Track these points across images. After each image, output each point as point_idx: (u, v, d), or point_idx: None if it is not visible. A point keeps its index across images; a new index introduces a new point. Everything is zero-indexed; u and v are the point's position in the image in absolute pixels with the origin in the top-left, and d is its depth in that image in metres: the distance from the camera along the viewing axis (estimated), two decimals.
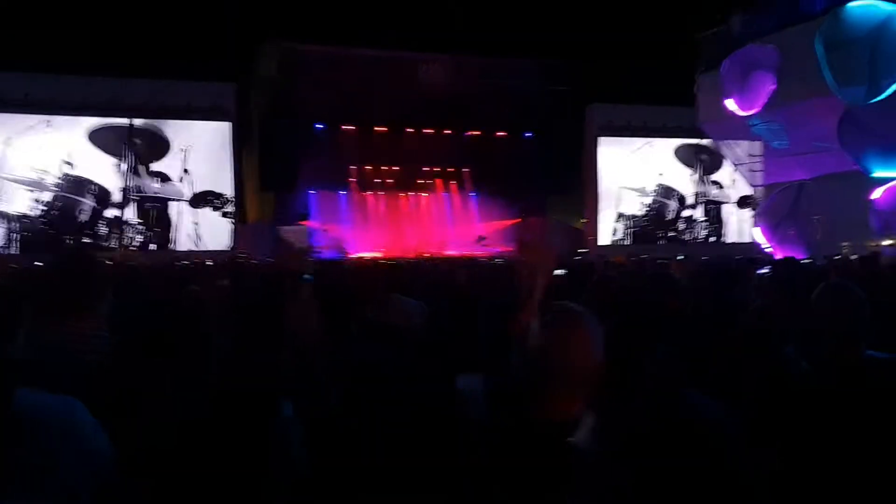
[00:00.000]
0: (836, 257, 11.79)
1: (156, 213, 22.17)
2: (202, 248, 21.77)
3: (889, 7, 13.10)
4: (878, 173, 14.10)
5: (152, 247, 21.87)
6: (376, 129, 25.59)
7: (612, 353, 1.87)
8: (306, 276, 2.61)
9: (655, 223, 27.23)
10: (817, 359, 2.67)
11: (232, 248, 21.95)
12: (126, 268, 8.16)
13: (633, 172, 26.80)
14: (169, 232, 22.41)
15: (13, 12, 19.52)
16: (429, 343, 2.78)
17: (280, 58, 23.23)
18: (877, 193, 14.30)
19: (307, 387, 2.30)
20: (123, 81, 21.32)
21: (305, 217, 24.18)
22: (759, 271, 4.70)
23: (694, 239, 27.39)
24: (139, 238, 21.95)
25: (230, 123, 22.99)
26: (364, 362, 2.16)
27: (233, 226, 22.91)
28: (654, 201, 27.20)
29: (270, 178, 23.59)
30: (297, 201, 24.31)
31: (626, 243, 26.23)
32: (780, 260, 7.33)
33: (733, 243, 26.38)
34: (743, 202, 27.31)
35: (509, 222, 26.58)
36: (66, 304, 2.52)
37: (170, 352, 2.32)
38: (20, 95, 20.59)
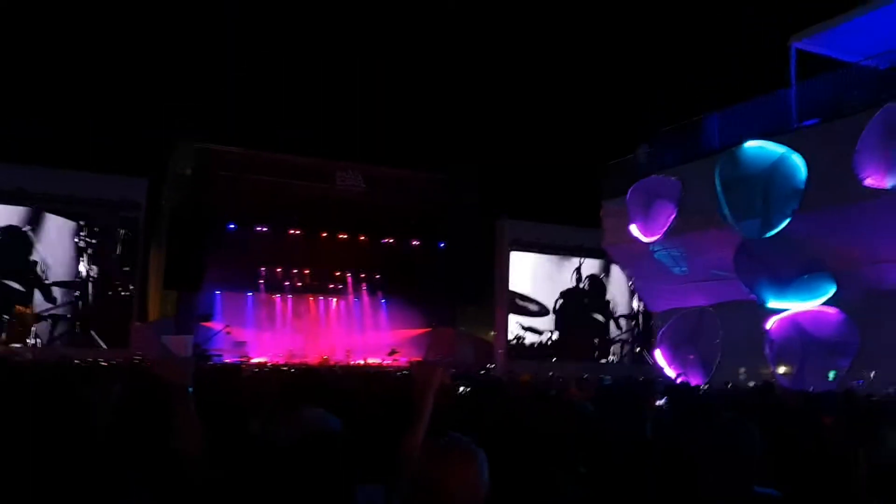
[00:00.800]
0: (730, 386, 12.14)
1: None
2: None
3: (781, 148, 14.11)
4: (772, 304, 14.76)
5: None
6: (290, 231, 25.42)
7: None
8: (188, 388, 2.45)
9: (560, 339, 27.51)
10: (706, 493, 2.63)
11: (129, 349, 20.83)
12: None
13: (540, 287, 27.23)
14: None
15: None
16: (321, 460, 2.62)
17: (195, 157, 23.04)
18: (770, 323, 14.92)
19: None
20: (32, 169, 20.55)
21: (209, 318, 23.37)
22: (657, 402, 4.74)
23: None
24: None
25: (139, 218, 22.28)
26: (251, 484, 2.00)
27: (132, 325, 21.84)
28: (557, 318, 27.55)
29: (176, 275, 22.82)
30: (201, 301, 23.57)
31: (531, 357, 26.24)
32: (675, 390, 7.45)
33: (630, 364, 26.83)
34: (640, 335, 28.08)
35: (419, 332, 26.43)
36: None
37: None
38: None
